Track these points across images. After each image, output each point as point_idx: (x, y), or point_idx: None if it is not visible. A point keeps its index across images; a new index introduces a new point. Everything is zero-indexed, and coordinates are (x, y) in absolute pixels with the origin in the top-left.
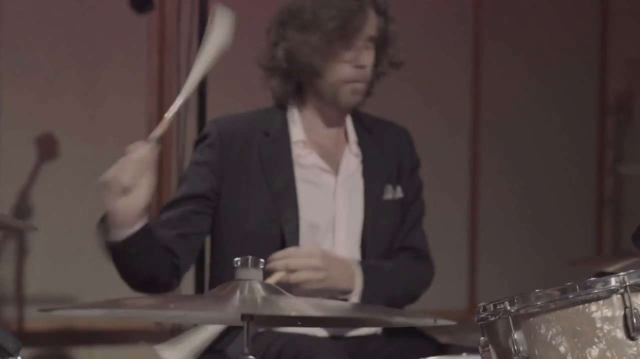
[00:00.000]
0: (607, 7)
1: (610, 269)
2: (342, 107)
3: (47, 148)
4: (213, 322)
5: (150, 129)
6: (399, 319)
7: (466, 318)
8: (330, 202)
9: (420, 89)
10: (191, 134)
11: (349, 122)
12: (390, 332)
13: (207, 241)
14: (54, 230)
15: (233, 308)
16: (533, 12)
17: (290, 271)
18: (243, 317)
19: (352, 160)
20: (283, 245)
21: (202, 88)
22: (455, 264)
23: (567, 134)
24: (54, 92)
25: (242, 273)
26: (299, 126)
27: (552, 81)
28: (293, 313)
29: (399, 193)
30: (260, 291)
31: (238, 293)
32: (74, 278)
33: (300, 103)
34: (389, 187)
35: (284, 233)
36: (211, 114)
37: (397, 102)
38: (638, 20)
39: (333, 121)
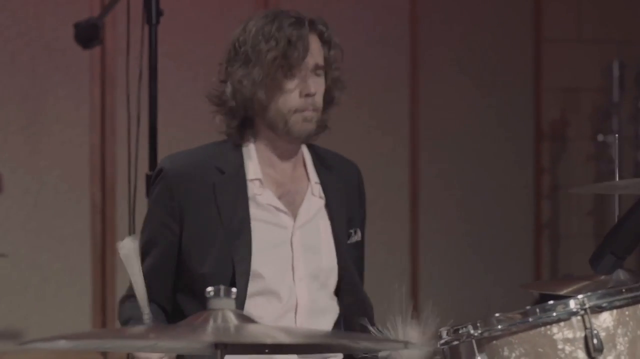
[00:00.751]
0: (540, 36)
1: (562, 292)
2: (295, 137)
3: None
4: (185, 351)
5: (93, 161)
6: (370, 345)
7: None
8: (287, 245)
9: (359, 112)
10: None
11: (308, 158)
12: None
13: None
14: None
15: (207, 336)
16: (470, 37)
17: None
18: (217, 345)
19: (314, 202)
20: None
21: (152, 123)
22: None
23: (506, 159)
24: None
25: (214, 303)
26: (255, 162)
27: (490, 107)
28: (268, 340)
29: (358, 236)
30: (232, 319)
31: (211, 321)
32: (19, 312)
33: (254, 138)
34: (352, 232)
35: (235, 274)
36: (162, 147)
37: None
38: (570, 48)
39: (288, 154)
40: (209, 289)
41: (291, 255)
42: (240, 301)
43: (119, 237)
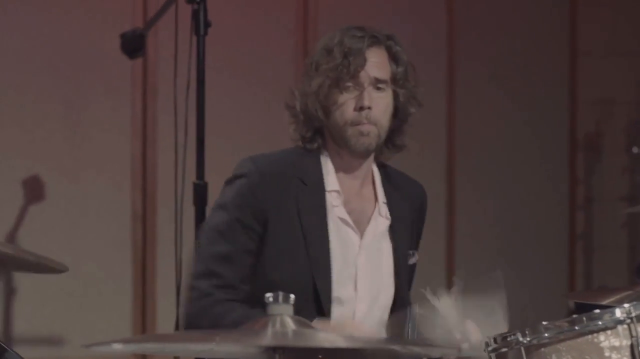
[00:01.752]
0: (577, 48)
1: (604, 302)
2: (353, 151)
3: (33, 189)
4: (242, 356)
5: (135, 169)
6: (423, 349)
7: None
8: (352, 262)
9: None
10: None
11: (377, 177)
12: None
13: None
14: None
15: (267, 340)
16: (506, 50)
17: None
18: (276, 349)
19: (380, 223)
20: (317, 298)
21: (200, 133)
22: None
23: (540, 171)
24: (41, 134)
25: (273, 308)
26: (333, 174)
27: (525, 120)
28: (326, 344)
29: (415, 258)
30: (291, 324)
31: (270, 326)
32: (62, 319)
33: (326, 148)
34: (410, 253)
35: (317, 288)
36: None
37: None
38: (605, 61)
39: (354, 169)
40: (268, 295)
41: (355, 273)
42: (328, 311)
43: (159, 244)
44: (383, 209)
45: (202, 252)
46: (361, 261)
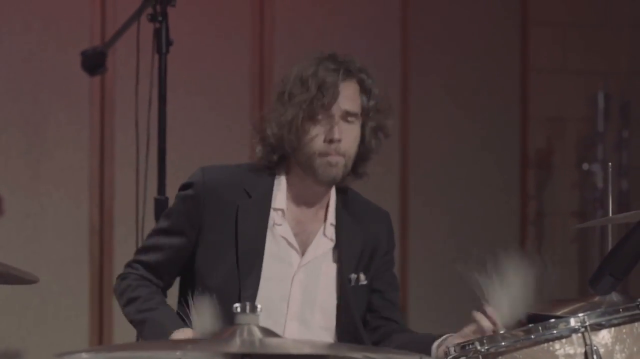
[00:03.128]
0: (527, 66)
1: (559, 313)
2: (320, 180)
3: None
4: None
5: (92, 185)
6: (389, 357)
7: None
8: (288, 280)
9: None
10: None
11: (332, 200)
12: None
13: None
14: None
15: (235, 348)
16: (459, 67)
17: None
18: (243, 357)
19: (322, 243)
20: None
21: (161, 148)
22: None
23: (493, 186)
24: None
25: (241, 318)
26: (283, 194)
27: (477, 135)
28: (293, 351)
29: (362, 280)
30: (258, 333)
31: (238, 335)
32: (18, 332)
33: (287, 173)
34: (353, 276)
35: (241, 299)
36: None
37: None
38: (556, 79)
39: (316, 196)
40: (236, 305)
41: (289, 292)
42: None
43: (116, 259)
44: (329, 230)
45: (139, 249)
46: (298, 280)
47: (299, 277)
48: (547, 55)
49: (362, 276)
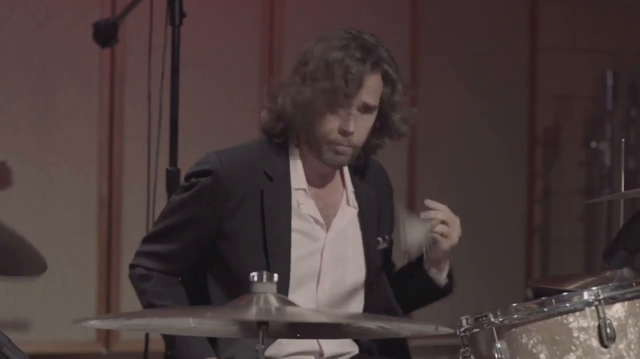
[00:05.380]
0: (536, 44)
1: (570, 287)
2: (323, 163)
3: (1, 175)
4: (224, 334)
5: (101, 157)
6: (403, 327)
7: None
8: (317, 256)
9: None
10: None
11: (345, 168)
12: (367, 352)
13: None
14: None
15: (251, 316)
16: (467, 45)
17: (443, 222)
18: (259, 325)
19: (347, 212)
20: None
21: (174, 120)
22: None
23: (500, 164)
24: (8, 120)
25: (258, 287)
26: (301, 172)
27: (485, 113)
28: (310, 320)
29: (388, 241)
30: (274, 302)
31: (255, 303)
32: (25, 304)
33: (298, 145)
34: (380, 240)
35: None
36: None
37: None
38: (564, 57)
39: (325, 169)
40: (253, 273)
41: (319, 266)
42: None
43: (124, 231)
44: (351, 197)
45: (151, 236)
46: (327, 254)
47: (327, 250)
48: (556, 33)
49: (387, 237)
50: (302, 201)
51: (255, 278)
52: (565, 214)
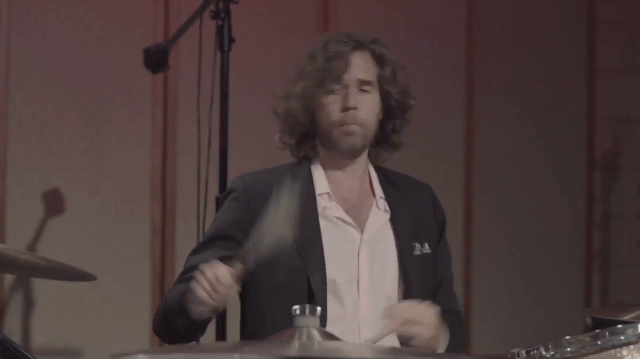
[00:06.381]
0: (594, 66)
1: (625, 318)
2: (340, 151)
3: (53, 202)
4: None
5: (154, 183)
6: None
7: None
8: (354, 257)
9: (415, 140)
10: (212, 190)
11: (374, 176)
12: None
13: None
14: (60, 283)
15: (293, 351)
16: (524, 67)
17: (407, 323)
18: None
19: (379, 216)
20: (311, 297)
21: (223, 146)
22: None
23: (558, 188)
24: (60, 147)
25: (300, 321)
26: (323, 178)
27: (543, 136)
28: (354, 356)
29: (426, 249)
30: (317, 336)
31: (297, 338)
32: (79, 330)
33: (316, 155)
34: (417, 245)
35: (312, 285)
36: (232, 171)
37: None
38: (623, 79)
39: (350, 170)
40: (295, 307)
41: (357, 268)
42: (323, 307)
43: (177, 258)
44: (381, 203)
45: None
46: (364, 256)
47: (364, 252)
48: (615, 54)
49: (426, 245)
50: (328, 204)
51: (298, 311)
52: (625, 239)
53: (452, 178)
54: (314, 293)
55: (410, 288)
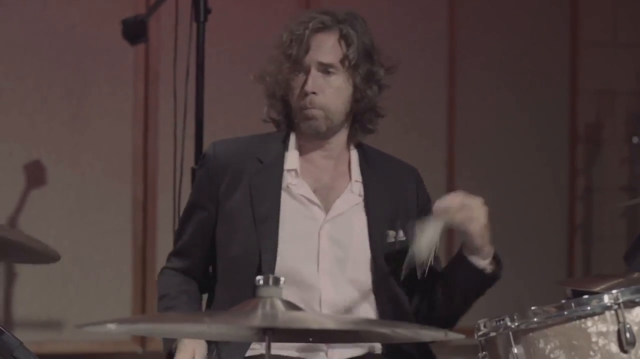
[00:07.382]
0: (577, 39)
1: (596, 289)
2: (304, 134)
3: (35, 175)
4: (231, 338)
5: (136, 156)
6: (412, 333)
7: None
8: (314, 236)
9: (397, 115)
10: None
11: (354, 158)
12: (393, 352)
13: None
14: None
15: (257, 321)
16: (507, 41)
17: (462, 208)
18: (266, 331)
19: (350, 199)
20: (259, 273)
21: (199, 118)
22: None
23: (540, 161)
24: (41, 120)
25: (263, 291)
26: (295, 154)
27: (525, 109)
28: (314, 326)
29: (401, 236)
30: (281, 307)
31: (260, 308)
32: (60, 304)
33: (294, 130)
34: (391, 232)
35: (262, 262)
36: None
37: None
38: (606, 52)
39: (325, 149)
40: (258, 277)
41: (317, 247)
42: None
43: (159, 231)
44: (356, 186)
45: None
46: (325, 234)
47: (325, 231)
48: (597, 28)
49: (400, 233)
50: (294, 181)
51: (261, 282)
52: (608, 212)
53: (434, 153)
54: (262, 268)
55: (382, 274)
